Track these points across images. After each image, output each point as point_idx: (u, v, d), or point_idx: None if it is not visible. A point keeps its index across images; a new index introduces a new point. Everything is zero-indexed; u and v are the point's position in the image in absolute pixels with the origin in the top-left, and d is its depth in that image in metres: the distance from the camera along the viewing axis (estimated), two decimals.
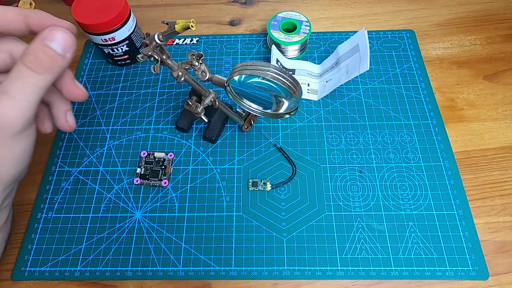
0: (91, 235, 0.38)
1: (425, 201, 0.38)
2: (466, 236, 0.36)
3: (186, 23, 0.29)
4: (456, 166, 0.40)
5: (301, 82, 0.45)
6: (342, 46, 0.44)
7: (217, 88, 0.45)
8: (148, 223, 0.38)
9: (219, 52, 0.50)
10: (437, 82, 0.46)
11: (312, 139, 0.42)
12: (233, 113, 0.40)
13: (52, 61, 0.25)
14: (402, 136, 0.42)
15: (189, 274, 0.35)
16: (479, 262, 0.35)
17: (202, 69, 0.33)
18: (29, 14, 0.26)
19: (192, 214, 0.38)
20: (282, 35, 0.46)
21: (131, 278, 0.36)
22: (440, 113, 0.43)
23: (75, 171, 0.41)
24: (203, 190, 0.40)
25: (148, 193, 0.40)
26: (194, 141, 0.43)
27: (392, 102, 0.44)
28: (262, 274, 0.35)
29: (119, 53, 0.46)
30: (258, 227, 0.37)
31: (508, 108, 0.44)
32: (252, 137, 0.43)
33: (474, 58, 0.48)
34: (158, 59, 0.31)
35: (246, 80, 0.31)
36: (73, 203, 0.39)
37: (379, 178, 0.39)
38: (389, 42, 0.49)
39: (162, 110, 0.45)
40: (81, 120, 0.45)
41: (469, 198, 0.38)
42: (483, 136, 0.42)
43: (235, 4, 0.56)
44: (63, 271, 0.36)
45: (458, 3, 0.53)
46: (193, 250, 0.37)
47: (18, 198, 0.40)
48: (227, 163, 0.41)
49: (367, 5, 0.54)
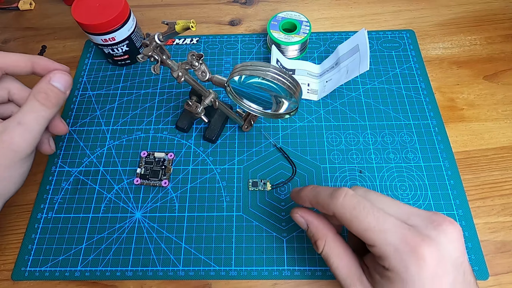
0: (91, 235, 0.38)
1: (425, 201, 0.38)
2: (466, 236, 0.36)
3: (186, 23, 0.29)
4: (456, 166, 0.40)
5: (301, 82, 0.45)
6: (342, 46, 0.44)
7: (217, 88, 0.45)
8: (148, 223, 0.38)
9: (219, 52, 0.50)
10: (437, 82, 0.46)
11: (312, 139, 0.42)
12: (233, 113, 0.40)
13: (58, 98, 0.31)
14: (402, 136, 0.42)
15: (189, 274, 0.35)
16: (479, 262, 0.35)
17: (202, 69, 0.33)
18: (36, 61, 0.32)
19: (192, 214, 0.38)
20: (282, 35, 0.46)
21: (131, 278, 0.36)
22: (440, 113, 0.43)
23: (75, 171, 0.41)
24: (203, 190, 0.40)
25: (148, 193, 0.40)
26: (194, 141, 0.43)
27: (392, 102, 0.44)
28: (262, 274, 0.35)
29: (119, 53, 0.46)
30: (258, 227, 0.37)
31: (508, 108, 0.44)
32: (252, 137, 0.43)
33: (474, 58, 0.48)
34: (158, 59, 0.31)
35: (246, 80, 0.31)
36: (73, 203, 0.39)
37: (379, 178, 0.39)
38: (389, 42, 0.49)
39: (162, 110, 0.45)
40: (81, 120, 0.45)
41: (469, 198, 0.38)
42: (483, 136, 0.42)
43: (235, 4, 0.56)
44: (63, 271, 0.36)
45: (458, 3, 0.53)
46: (193, 250, 0.37)
47: (18, 198, 0.41)
48: (227, 163, 0.41)
49: (367, 5, 0.54)
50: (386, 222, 0.23)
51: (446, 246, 0.22)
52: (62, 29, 0.54)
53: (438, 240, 0.22)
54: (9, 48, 0.53)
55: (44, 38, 0.54)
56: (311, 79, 0.46)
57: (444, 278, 0.22)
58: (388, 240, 0.23)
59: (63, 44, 0.53)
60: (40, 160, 0.43)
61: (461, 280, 0.22)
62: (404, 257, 0.22)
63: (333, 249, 0.26)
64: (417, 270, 0.22)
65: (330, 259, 0.26)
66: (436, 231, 0.23)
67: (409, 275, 0.22)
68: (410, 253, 0.22)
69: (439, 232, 0.23)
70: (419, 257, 0.22)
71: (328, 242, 0.27)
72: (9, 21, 0.56)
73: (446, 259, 0.22)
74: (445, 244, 0.22)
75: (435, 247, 0.22)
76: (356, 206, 0.24)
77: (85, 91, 0.47)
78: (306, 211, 0.29)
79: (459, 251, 0.23)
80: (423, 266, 0.22)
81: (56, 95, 0.31)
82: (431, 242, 0.22)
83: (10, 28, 0.55)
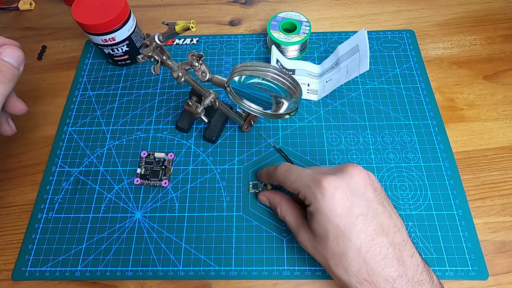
0: (92, 235, 0.38)
1: (425, 201, 0.38)
2: (466, 236, 0.36)
3: (186, 24, 0.29)
4: (456, 166, 0.40)
5: (301, 82, 0.45)
6: (342, 46, 0.44)
7: (217, 88, 0.45)
8: (148, 223, 0.38)
9: (219, 52, 0.50)
10: (437, 82, 0.46)
11: (312, 139, 0.42)
12: (233, 113, 0.40)
13: (12, 73, 0.30)
14: (402, 136, 0.42)
15: (189, 274, 0.35)
16: (479, 262, 0.35)
17: (202, 69, 0.33)
18: None
19: (192, 214, 0.38)
20: (282, 35, 0.46)
21: (132, 278, 0.36)
22: (440, 113, 0.43)
23: (76, 171, 0.41)
24: (203, 190, 0.40)
25: (148, 193, 0.40)
26: (194, 141, 0.43)
27: (392, 102, 0.44)
28: (262, 274, 0.35)
29: (119, 53, 0.46)
30: (258, 227, 0.37)
31: (508, 108, 0.44)
32: (252, 137, 0.43)
33: (474, 58, 0.48)
34: (158, 59, 0.31)
35: (246, 80, 0.31)
36: (74, 203, 0.40)
37: (379, 178, 0.39)
38: (389, 42, 0.49)
39: (162, 110, 0.45)
40: (81, 120, 0.45)
41: (469, 198, 0.38)
42: (483, 136, 0.42)
43: (235, 4, 0.56)
44: (63, 271, 0.36)
45: (458, 3, 0.53)
46: (193, 250, 0.37)
47: (19, 198, 0.41)
48: (227, 163, 0.41)
49: (367, 5, 0.54)
50: (304, 173, 0.31)
51: (345, 179, 0.29)
52: (62, 29, 0.54)
53: (338, 175, 0.29)
54: None
55: (44, 38, 0.54)
56: (311, 79, 0.46)
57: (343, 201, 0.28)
58: (304, 183, 0.30)
59: (63, 44, 0.53)
60: (40, 160, 0.43)
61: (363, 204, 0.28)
62: (313, 190, 0.29)
63: (286, 210, 0.34)
64: (321, 197, 0.28)
65: (286, 217, 0.33)
66: (340, 171, 0.29)
67: (317, 202, 0.28)
68: (315, 185, 0.29)
69: (342, 172, 0.29)
70: (320, 186, 0.28)
71: (283, 205, 0.34)
72: (9, 21, 0.56)
73: (344, 187, 0.28)
74: (344, 178, 0.29)
75: (334, 179, 0.28)
76: (288, 169, 0.33)
77: (85, 91, 0.47)
78: (265, 191, 0.38)
79: (360, 184, 0.29)
80: (324, 192, 0.28)
81: (10, 70, 0.30)
82: (331, 176, 0.29)
83: (10, 28, 0.55)
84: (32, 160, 0.43)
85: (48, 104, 0.47)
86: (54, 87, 0.49)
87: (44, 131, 0.45)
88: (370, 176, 0.30)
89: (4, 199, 0.41)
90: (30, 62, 0.51)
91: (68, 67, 0.50)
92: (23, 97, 0.35)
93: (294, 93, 0.30)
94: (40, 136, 0.45)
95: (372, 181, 0.30)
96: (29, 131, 0.45)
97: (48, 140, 0.44)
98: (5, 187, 0.41)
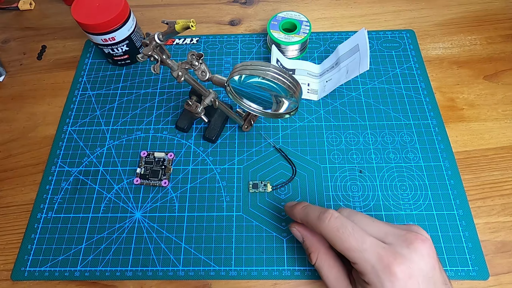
0: (91, 235, 0.38)
1: (425, 201, 0.38)
2: (466, 236, 0.36)
3: (186, 23, 0.29)
4: (456, 166, 0.40)
5: (301, 82, 0.45)
6: (342, 46, 0.44)
7: (217, 88, 0.45)
8: (148, 223, 0.38)
9: (219, 52, 0.50)
10: (437, 82, 0.46)
11: (312, 139, 0.42)
12: (233, 113, 0.40)
13: None
14: (402, 136, 0.42)
15: (189, 274, 0.35)
16: (479, 262, 0.35)
17: (202, 69, 0.33)
18: None
19: (192, 214, 0.38)
20: (282, 35, 0.46)
21: (131, 278, 0.35)
22: (440, 113, 0.43)
23: (75, 171, 0.41)
24: (203, 190, 0.40)
25: (148, 193, 0.40)
26: (194, 141, 0.43)
27: (392, 102, 0.44)
28: (262, 274, 0.35)
29: (119, 53, 0.46)
30: (258, 227, 0.37)
31: (508, 108, 0.44)
32: (252, 137, 0.43)
33: (474, 58, 0.48)
34: (158, 59, 0.31)
35: (246, 80, 0.31)
36: (73, 203, 0.39)
37: (379, 178, 0.39)
38: (389, 42, 0.49)
39: (162, 110, 0.45)
40: (81, 120, 0.45)
41: (469, 198, 0.38)
42: (483, 136, 0.42)
43: (235, 4, 0.56)
44: (63, 271, 0.36)
45: (458, 3, 0.53)
46: (193, 250, 0.37)
47: (18, 198, 0.41)
48: (227, 163, 0.41)
49: (367, 5, 0.54)
50: (365, 242, 0.26)
51: (417, 262, 0.25)
52: (62, 29, 0.54)
53: (409, 257, 0.25)
54: (9, 48, 0.53)
55: (44, 38, 0.54)
56: (311, 79, 0.46)
57: None
58: (366, 259, 0.25)
59: (63, 44, 0.53)
60: (40, 160, 0.43)
61: None
62: (380, 274, 0.25)
63: (324, 261, 0.29)
64: (391, 286, 0.24)
65: (322, 270, 0.29)
66: (408, 249, 0.25)
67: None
68: (384, 270, 0.25)
69: (410, 250, 0.25)
70: (392, 274, 0.24)
71: (320, 255, 0.30)
72: (9, 21, 0.56)
73: (417, 274, 0.25)
74: (416, 261, 0.25)
75: (407, 264, 0.25)
76: (340, 228, 0.27)
77: (85, 91, 0.47)
78: (302, 226, 0.32)
79: (430, 266, 0.25)
80: (395, 282, 0.24)
81: None
82: (403, 259, 0.25)
83: (10, 28, 0.55)
84: (32, 160, 0.43)
85: (48, 104, 0.47)
86: (54, 87, 0.49)
87: (44, 131, 0.45)
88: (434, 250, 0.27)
89: (3, 199, 0.41)
90: (30, 62, 0.51)
91: (68, 67, 0.50)
92: (23, 97, 0.35)
93: (295, 92, 0.30)
94: (40, 136, 0.45)
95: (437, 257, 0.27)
96: (29, 131, 0.45)
97: (48, 140, 0.44)
98: (4, 187, 0.41)
